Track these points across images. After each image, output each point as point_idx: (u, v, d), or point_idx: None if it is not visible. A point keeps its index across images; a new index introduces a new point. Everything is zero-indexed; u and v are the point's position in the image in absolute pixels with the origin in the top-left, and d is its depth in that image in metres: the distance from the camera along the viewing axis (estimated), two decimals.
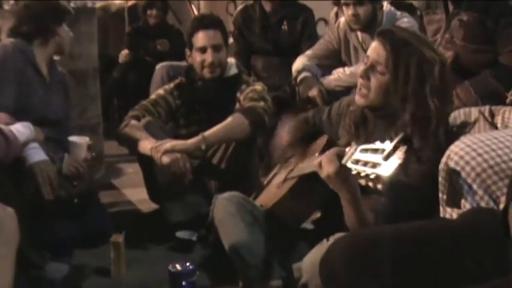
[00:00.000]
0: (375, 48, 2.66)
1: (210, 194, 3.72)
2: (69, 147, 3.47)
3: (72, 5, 6.74)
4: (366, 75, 2.67)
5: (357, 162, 2.14)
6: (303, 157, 2.97)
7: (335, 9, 5.66)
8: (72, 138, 3.49)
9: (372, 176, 2.05)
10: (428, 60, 2.59)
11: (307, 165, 2.69)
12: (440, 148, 2.50)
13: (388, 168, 2.00)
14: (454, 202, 2.34)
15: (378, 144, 2.09)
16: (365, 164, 2.09)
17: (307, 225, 3.05)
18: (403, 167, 2.01)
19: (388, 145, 2.05)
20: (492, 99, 3.22)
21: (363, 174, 2.09)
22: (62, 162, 3.39)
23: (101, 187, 4.42)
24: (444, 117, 2.65)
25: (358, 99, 2.73)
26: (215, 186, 3.87)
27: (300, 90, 4.54)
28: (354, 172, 2.15)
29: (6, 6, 4.41)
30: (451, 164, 2.34)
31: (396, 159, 2.00)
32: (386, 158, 2.02)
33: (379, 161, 2.03)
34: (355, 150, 2.18)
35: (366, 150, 2.13)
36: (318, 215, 3.05)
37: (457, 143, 2.40)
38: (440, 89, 2.59)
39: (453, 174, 2.33)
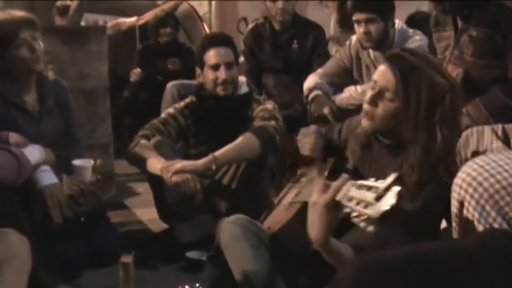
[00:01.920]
0: (383, 74, 2.58)
1: (220, 214, 3.71)
2: (73, 171, 3.44)
3: (82, 23, 6.82)
4: (373, 101, 2.59)
5: (350, 199, 2.08)
6: (312, 177, 2.94)
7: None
8: (76, 162, 3.44)
9: (364, 217, 2.01)
10: (439, 87, 2.51)
11: (312, 191, 2.66)
12: (442, 180, 2.44)
13: (378, 209, 1.95)
14: (466, 224, 2.31)
15: (372, 182, 2.05)
16: (358, 202, 2.04)
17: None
18: (394, 208, 1.96)
19: (381, 185, 2.00)
20: (503, 115, 3.20)
21: (355, 213, 2.05)
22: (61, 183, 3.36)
23: (111, 206, 4.39)
24: (451, 147, 2.58)
25: (364, 122, 2.66)
26: (225, 206, 3.85)
27: (311, 109, 4.53)
28: (346, 210, 2.09)
29: None
30: (464, 185, 2.30)
31: (388, 200, 1.96)
32: (378, 198, 1.97)
33: (371, 200, 1.98)
34: (351, 185, 2.13)
35: (360, 187, 2.08)
36: None
37: (469, 163, 2.36)
38: (450, 118, 2.52)
39: (466, 196, 2.30)
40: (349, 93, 4.42)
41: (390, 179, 2.00)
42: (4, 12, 3.53)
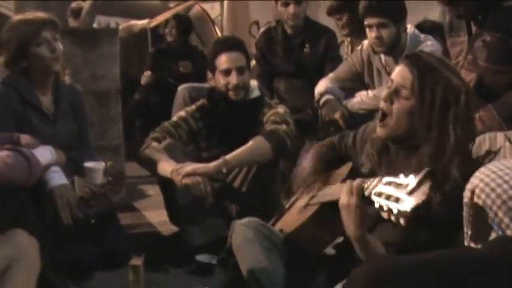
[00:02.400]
0: (400, 72, 2.62)
1: (230, 218, 3.67)
2: (84, 173, 3.45)
3: (95, 25, 6.84)
4: (389, 99, 2.62)
5: (379, 195, 2.12)
6: (326, 183, 2.94)
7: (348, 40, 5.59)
8: (88, 164, 3.45)
9: (394, 211, 2.03)
10: (455, 87, 2.53)
11: (330, 193, 2.65)
12: (457, 181, 2.45)
13: (411, 203, 1.98)
14: (479, 230, 2.29)
15: (402, 179, 2.08)
16: (388, 197, 2.07)
17: (329, 250, 3.00)
18: (426, 203, 1.98)
19: (412, 180, 2.02)
20: None
21: (385, 208, 2.07)
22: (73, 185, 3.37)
23: (121, 209, 4.38)
24: (464, 148, 2.57)
25: (379, 130, 2.68)
26: (236, 210, 3.85)
27: (322, 113, 4.51)
28: (376, 205, 2.13)
29: None
30: (477, 191, 2.29)
31: (420, 195, 1.97)
32: (410, 193, 2.00)
33: (402, 195, 2.02)
34: (379, 182, 2.16)
35: (389, 183, 2.12)
36: (340, 239, 3.01)
37: (482, 169, 2.35)
38: (464, 118, 2.53)
39: (478, 202, 2.28)
40: (361, 98, 4.41)
41: (422, 173, 2.02)
42: (28, 13, 3.62)
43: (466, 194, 2.32)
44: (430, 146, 2.54)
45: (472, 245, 2.31)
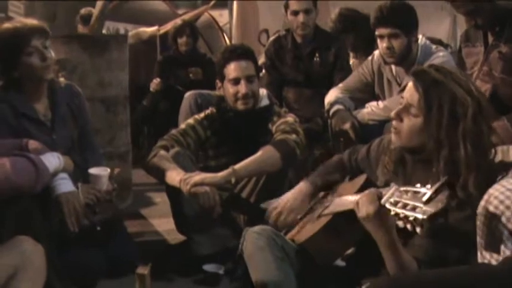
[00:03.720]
0: (409, 90, 2.60)
1: (238, 228, 3.68)
2: (90, 179, 3.42)
3: (104, 31, 6.84)
4: (398, 116, 2.62)
5: (396, 203, 2.10)
6: (340, 194, 2.91)
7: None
8: (92, 170, 3.43)
9: (411, 219, 2.02)
10: (461, 102, 2.50)
11: (344, 203, 2.63)
12: (471, 196, 2.43)
13: (427, 211, 1.96)
14: (493, 247, 2.27)
15: (418, 187, 2.06)
16: (404, 206, 2.06)
17: (339, 262, 2.98)
18: (443, 211, 1.96)
19: (429, 189, 2.00)
20: None
21: (401, 215, 2.05)
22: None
23: (128, 216, 4.38)
24: (477, 164, 2.51)
25: (393, 139, 2.68)
26: (244, 220, 3.83)
27: (332, 123, 4.48)
28: (392, 213, 2.12)
29: None
30: (491, 208, 2.26)
31: (437, 204, 1.96)
32: (427, 201, 1.98)
33: (419, 204, 2.00)
34: (395, 191, 2.14)
35: (406, 192, 2.11)
36: (350, 251, 2.98)
37: (496, 186, 2.32)
38: (473, 133, 2.49)
39: (492, 219, 2.26)
40: (371, 109, 4.37)
41: (440, 182, 2.00)
42: (16, 21, 3.54)
43: (480, 211, 2.30)
44: (442, 163, 2.51)
45: (486, 254, 2.30)
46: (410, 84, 2.61)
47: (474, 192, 2.43)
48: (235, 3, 7.61)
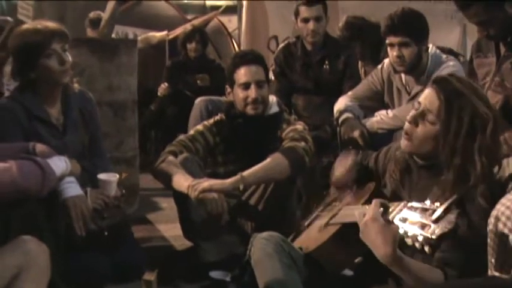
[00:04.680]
0: (427, 96, 2.60)
1: (246, 235, 3.66)
2: (98, 185, 3.41)
3: (113, 35, 6.83)
4: (414, 121, 2.61)
5: (404, 220, 2.08)
6: (348, 202, 2.89)
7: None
8: (101, 176, 3.41)
9: (420, 238, 1.99)
10: (482, 116, 2.50)
11: (351, 214, 2.61)
12: (482, 209, 2.41)
13: (437, 231, 1.95)
14: (503, 264, 2.24)
15: (428, 204, 2.04)
16: (413, 223, 2.03)
17: (347, 271, 2.96)
18: (452, 231, 1.94)
19: (439, 207, 1.98)
20: None
21: (410, 233, 2.03)
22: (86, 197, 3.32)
23: (134, 221, 4.35)
24: (489, 177, 2.51)
25: (404, 144, 2.67)
26: (251, 227, 3.80)
27: (341, 131, 4.46)
28: (401, 231, 2.08)
29: None
30: (500, 226, 2.24)
31: (446, 224, 1.94)
32: (436, 220, 1.96)
33: (428, 222, 1.98)
34: (404, 207, 2.12)
35: (415, 209, 2.08)
36: (358, 260, 2.96)
37: (503, 201, 2.30)
38: (490, 147, 2.49)
39: (502, 236, 2.23)
40: (380, 117, 4.35)
41: (450, 201, 1.98)
42: (37, 22, 3.53)
43: (491, 221, 2.28)
44: (452, 173, 2.50)
45: (496, 273, 2.27)
46: (429, 90, 2.61)
47: (482, 203, 2.42)
48: (244, 9, 7.60)
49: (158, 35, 7.75)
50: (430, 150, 2.60)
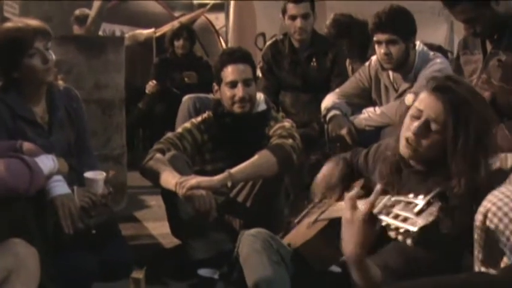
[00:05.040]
0: (431, 105, 2.57)
1: (234, 232, 3.66)
2: (85, 183, 3.39)
3: (100, 33, 6.81)
4: (420, 132, 2.58)
5: (387, 213, 2.08)
6: (338, 199, 2.90)
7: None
8: (88, 174, 3.38)
9: (401, 230, 2.00)
10: (487, 122, 2.52)
11: (339, 209, 2.61)
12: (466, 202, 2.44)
13: (418, 223, 1.95)
14: (491, 256, 2.25)
15: (411, 198, 2.04)
16: (396, 216, 2.04)
17: (334, 268, 2.96)
18: (434, 223, 1.94)
19: (421, 200, 1.98)
20: None
21: (392, 226, 2.03)
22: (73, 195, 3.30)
23: (122, 219, 4.32)
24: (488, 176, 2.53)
25: (406, 152, 2.65)
26: (240, 224, 3.80)
27: (329, 129, 4.47)
28: (383, 224, 2.09)
29: None
30: (489, 215, 2.25)
31: (428, 216, 1.94)
32: (419, 213, 1.96)
33: (410, 215, 1.98)
34: (388, 200, 2.12)
35: (398, 202, 2.08)
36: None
37: (495, 192, 2.31)
38: (492, 149, 2.53)
39: (491, 226, 2.24)
40: (368, 115, 4.36)
41: (432, 193, 1.98)
42: (18, 20, 3.48)
43: (478, 218, 2.28)
44: (462, 178, 2.50)
45: (483, 269, 2.28)
46: (431, 99, 2.58)
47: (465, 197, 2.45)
48: (231, 6, 7.58)
49: (145, 32, 7.73)
50: (433, 156, 2.60)
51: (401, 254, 2.43)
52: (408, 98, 3.17)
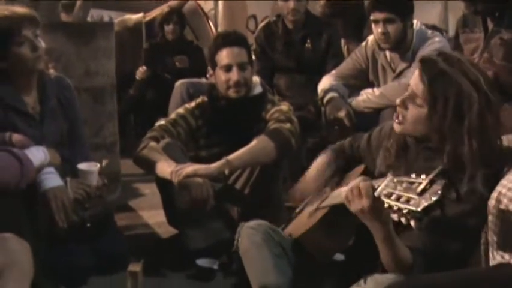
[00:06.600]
0: (414, 78, 2.52)
1: (232, 220, 3.62)
2: (79, 175, 3.31)
3: (88, 19, 6.71)
4: (404, 104, 2.54)
5: (390, 195, 2.02)
6: (338, 186, 2.82)
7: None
8: (82, 166, 3.31)
9: (405, 211, 1.96)
10: (468, 96, 2.40)
11: (340, 195, 2.54)
12: (477, 191, 2.36)
13: (422, 203, 1.90)
14: (506, 242, 2.18)
15: (413, 177, 1.98)
16: (398, 198, 1.99)
17: (338, 256, 2.89)
18: (439, 203, 1.87)
19: (424, 179, 1.93)
20: None
21: (395, 208, 1.99)
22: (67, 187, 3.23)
23: (116, 209, 4.26)
24: (484, 160, 2.42)
25: (396, 126, 2.60)
26: (238, 212, 3.74)
27: (326, 111, 4.41)
28: (386, 205, 2.04)
29: None
30: (504, 201, 2.18)
31: (432, 195, 1.87)
32: (422, 192, 1.91)
33: (413, 195, 1.93)
34: (390, 181, 2.05)
35: (400, 183, 2.03)
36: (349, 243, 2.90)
37: (509, 177, 2.24)
38: (479, 129, 2.40)
39: (506, 213, 2.17)
40: (366, 96, 4.30)
41: (435, 172, 1.93)
42: (4, 8, 3.37)
43: (491, 202, 2.22)
44: (446, 158, 2.43)
45: (500, 253, 2.21)
46: (416, 72, 2.53)
47: (481, 189, 2.36)
48: None
49: (134, 17, 7.63)
50: (423, 133, 2.53)
51: (429, 236, 2.37)
52: None
